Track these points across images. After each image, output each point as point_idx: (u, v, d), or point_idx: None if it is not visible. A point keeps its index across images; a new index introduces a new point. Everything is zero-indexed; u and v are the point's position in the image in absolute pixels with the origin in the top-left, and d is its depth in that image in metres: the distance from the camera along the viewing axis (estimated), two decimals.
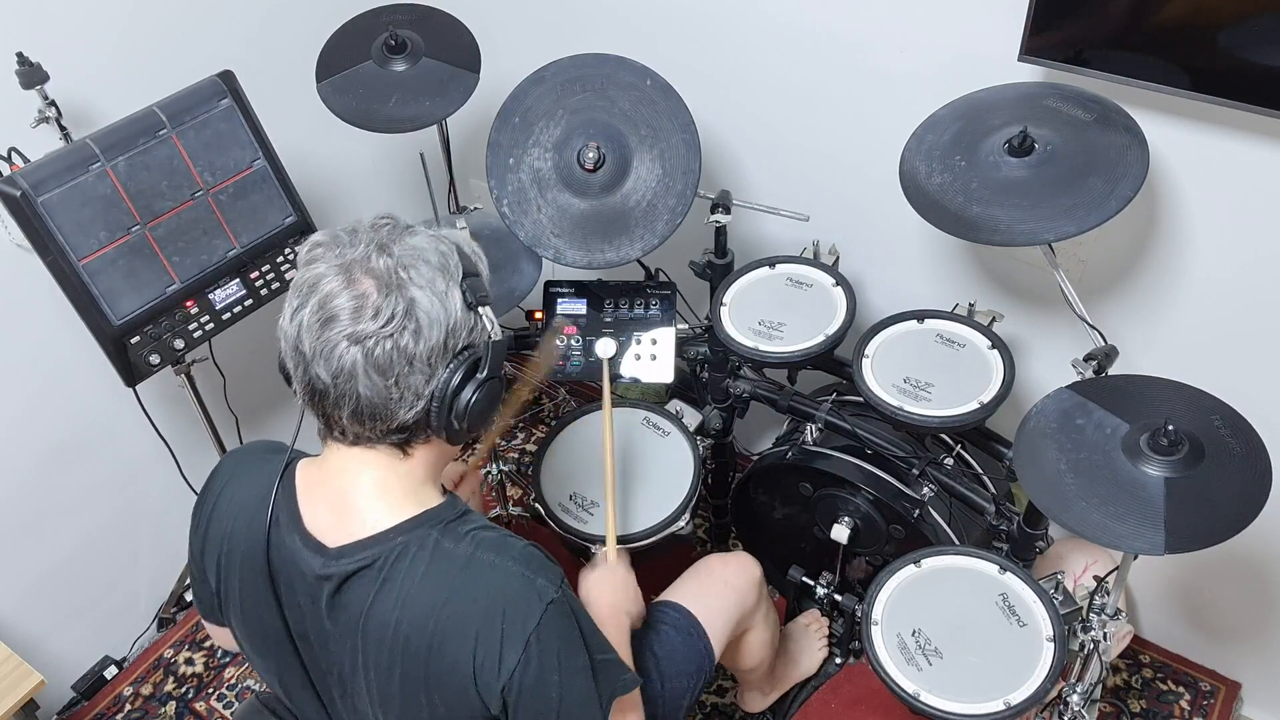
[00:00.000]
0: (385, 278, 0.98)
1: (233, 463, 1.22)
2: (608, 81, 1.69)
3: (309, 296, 0.99)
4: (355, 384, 0.99)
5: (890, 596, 1.44)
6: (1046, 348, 1.83)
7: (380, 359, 0.98)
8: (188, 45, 1.88)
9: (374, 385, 0.99)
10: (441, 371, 1.01)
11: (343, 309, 0.97)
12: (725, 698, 2.01)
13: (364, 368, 0.98)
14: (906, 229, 1.74)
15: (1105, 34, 1.40)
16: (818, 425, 1.81)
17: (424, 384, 1.01)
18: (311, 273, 1.00)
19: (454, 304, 1.01)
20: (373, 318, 0.97)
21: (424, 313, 0.99)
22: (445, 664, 1.02)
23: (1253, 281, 1.54)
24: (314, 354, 0.99)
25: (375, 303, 0.97)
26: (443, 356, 1.01)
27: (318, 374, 1.00)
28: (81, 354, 1.81)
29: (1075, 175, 1.35)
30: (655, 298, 1.81)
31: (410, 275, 0.99)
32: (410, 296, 0.98)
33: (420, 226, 1.07)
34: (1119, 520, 1.14)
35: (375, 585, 1.04)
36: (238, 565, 1.14)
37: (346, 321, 0.97)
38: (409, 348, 0.98)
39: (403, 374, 0.99)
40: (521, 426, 2.64)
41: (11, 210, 1.49)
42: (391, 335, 0.97)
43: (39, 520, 1.95)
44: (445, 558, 1.04)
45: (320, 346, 0.98)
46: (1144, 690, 1.99)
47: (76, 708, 2.10)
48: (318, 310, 0.98)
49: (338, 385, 1.00)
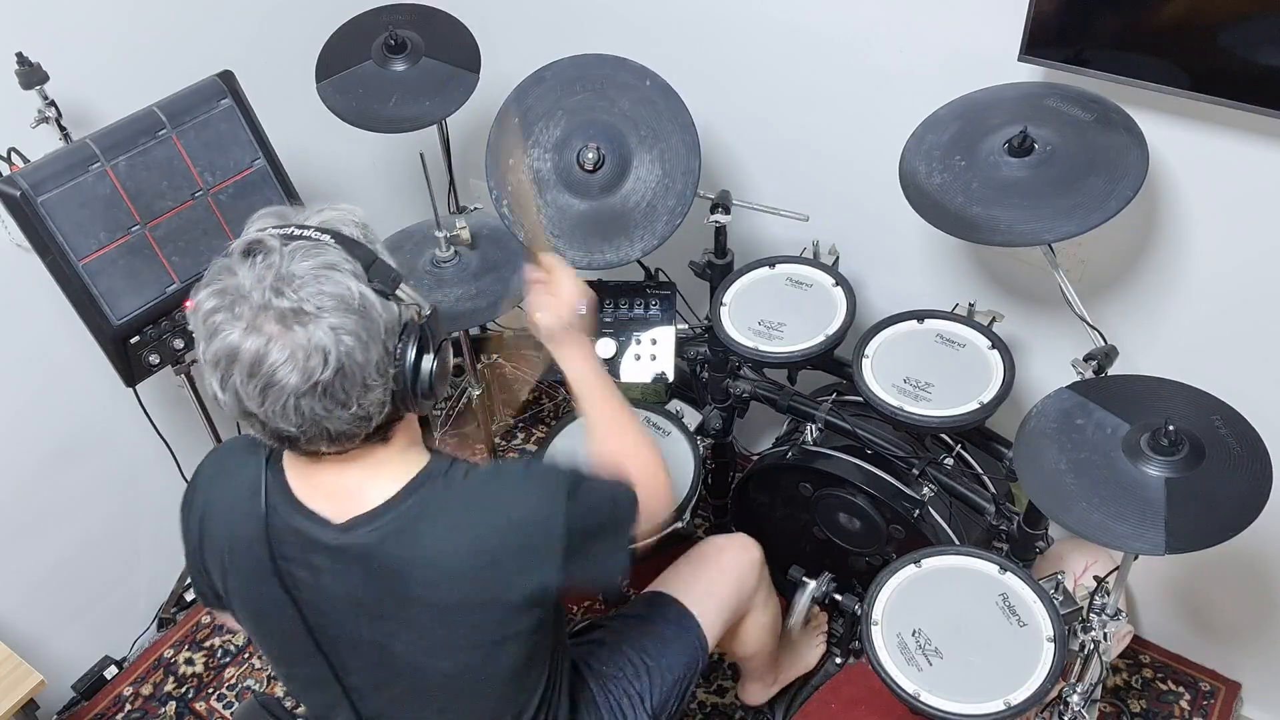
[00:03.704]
0: (298, 318, 0.93)
1: (214, 464, 1.21)
2: (607, 82, 1.69)
3: (231, 367, 0.95)
4: (322, 423, 0.98)
5: (890, 596, 1.44)
6: (1046, 348, 1.83)
7: (336, 395, 0.96)
8: (188, 45, 1.88)
9: (340, 417, 0.98)
10: (392, 370, 1.00)
11: (274, 368, 0.93)
12: (725, 698, 2.01)
13: (323, 408, 0.96)
14: (906, 229, 1.73)
15: (1105, 34, 1.40)
16: (818, 425, 1.81)
17: (384, 392, 1.00)
18: (222, 343, 0.94)
19: (373, 308, 0.97)
20: (307, 364, 0.93)
21: (351, 335, 0.95)
22: (490, 596, 1.08)
23: (1253, 281, 1.54)
24: (269, 415, 0.97)
25: (302, 349, 0.93)
26: (388, 358, 0.99)
27: (281, 428, 0.99)
28: (81, 354, 1.81)
29: (1075, 175, 1.35)
30: (655, 298, 1.81)
31: (318, 306, 0.93)
32: (329, 326, 0.94)
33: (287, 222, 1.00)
34: (1119, 520, 1.14)
35: (404, 545, 1.06)
36: (240, 562, 1.14)
37: (284, 378, 0.94)
38: (356, 374, 0.96)
39: (360, 395, 0.98)
40: (521, 427, 2.64)
41: (11, 210, 1.49)
42: (337, 370, 0.95)
43: (39, 520, 1.95)
44: (459, 501, 1.09)
45: (271, 408, 0.96)
46: (1144, 690, 1.99)
47: (76, 708, 2.10)
48: (249, 379, 0.94)
49: (305, 431, 0.99)
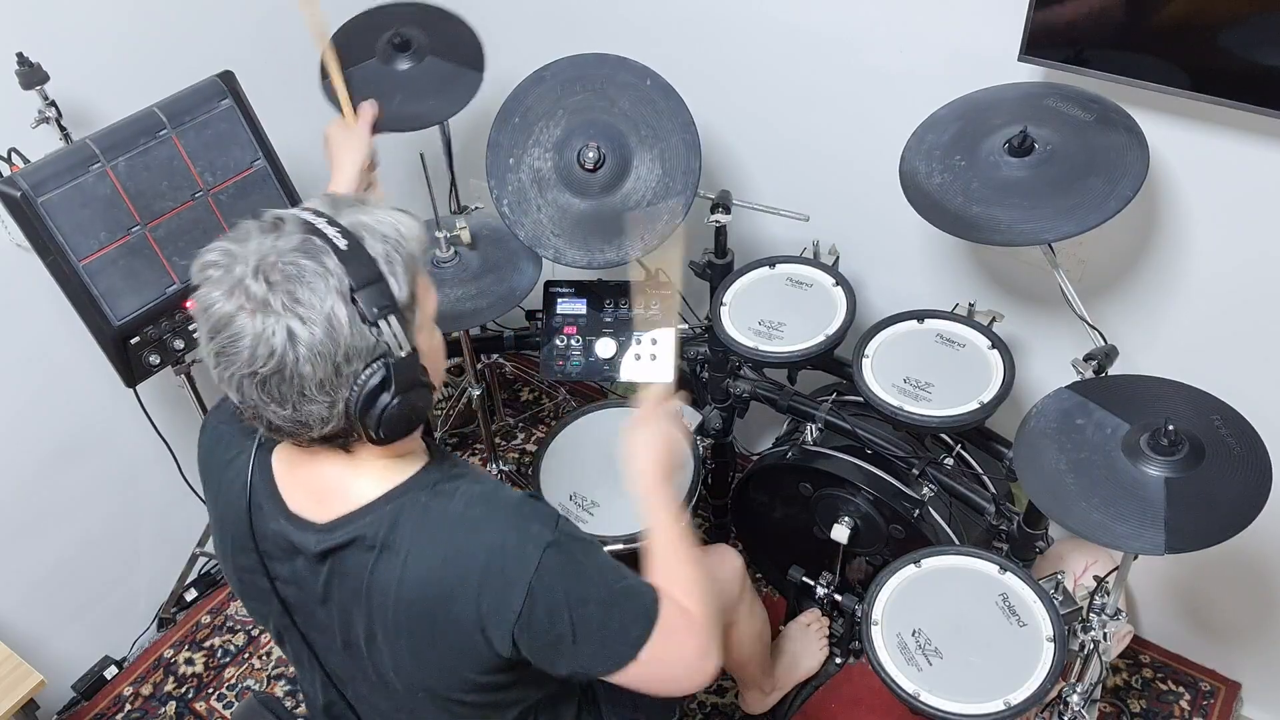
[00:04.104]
0: (264, 306, 0.92)
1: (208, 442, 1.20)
2: (608, 81, 1.69)
3: (203, 321, 0.95)
4: (262, 410, 0.97)
5: (890, 596, 1.44)
6: (1046, 348, 1.83)
7: (273, 391, 0.95)
8: (188, 45, 1.88)
9: (276, 413, 0.97)
10: (344, 394, 0.96)
11: (232, 338, 0.93)
12: (725, 698, 2.01)
13: (260, 397, 0.95)
14: (906, 229, 1.73)
15: (1105, 34, 1.40)
16: (818, 425, 1.81)
17: (327, 409, 0.96)
18: (204, 296, 0.95)
19: (341, 328, 0.93)
20: (256, 349, 0.92)
21: (304, 345, 0.92)
22: (452, 621, 1.02)
23: (1253, 281, 1.54)
24: (219, 379, 0.97)
25: (257, 334, 0.92)
26: (338, 382, 0.95)
27: (230, 398, 0.99)
28: (81, 354, 1.81)
29: (1075, 175, 1.35)
30: (655, 298, 1.81)
31: (285, 304, 0.91)
32: (288, 327, 0.92)
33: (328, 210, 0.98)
34: (1119, 520, 1.14)
35: (373, 554, 1.03)
36: (230, 551, 1.14)
37: (236, 352, 0.93)
38: (296, 380, 0.93)
39: (298, 402, 0.95)
40: (521, 427, 2.64)
41: (12, 211, 1.49)
42: (278, 369, 0.93)
43: (39, 520, 1.95)
44: (438, 518, 1.04)
45: (220, 374, 0.96)
46: (1144, 690, 1.99)
47: (76, 708, 2.10)
48: (209, 339, 0.95)
49: (247, 410, 0.98)
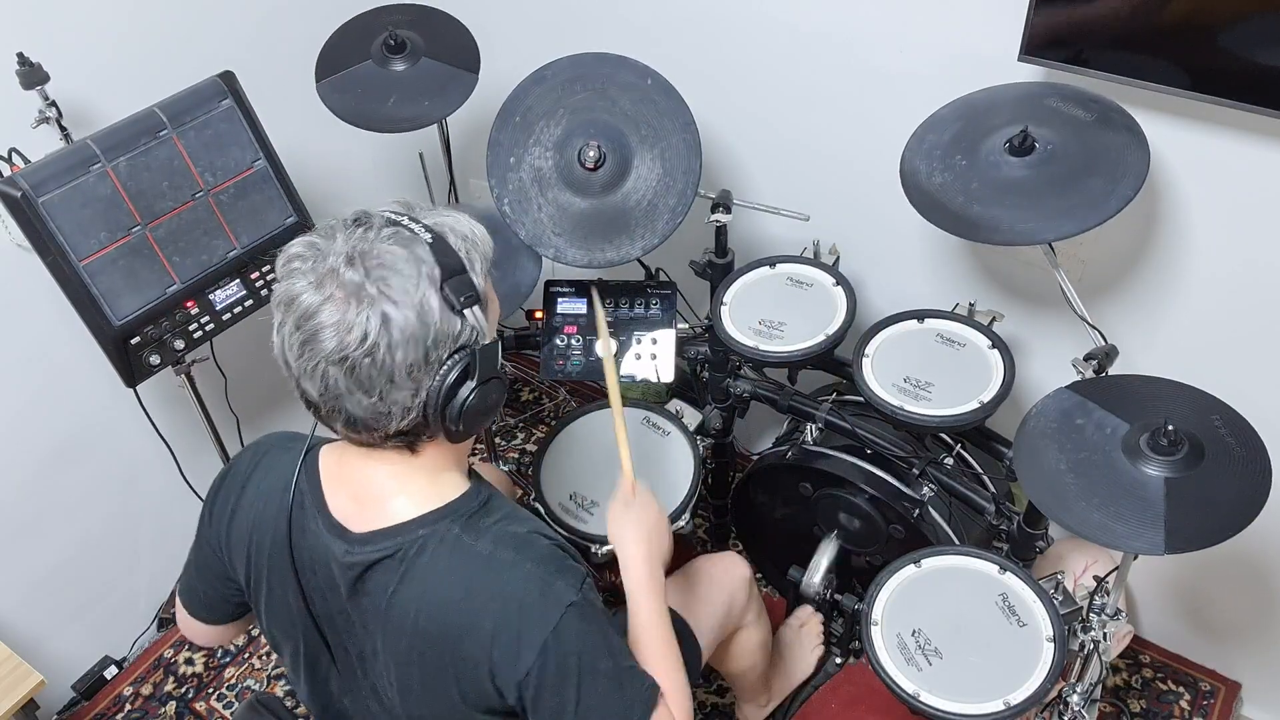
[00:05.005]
0: (357, 293, 0.94)
1: (252, 455, 1.20)
2: (608, 81, 1.69)
3: (288, 313, 0.97)
4: (342, 401, 0.97)
5: (890, 596, 1.44)
6: (1046, 348, 1.83)
7: (361, 377, 0.95)
8: (188, 45, 1.88)
9: (360, 402, 0.97)
10: (428, 382, 0.98)
11: (319, 327, 0.94)
12: (725, 698, 2.01)
13: (346, 386, 0.96)
14: (907, 229, 1.74)
15: (1105, 34, 1.40)
16: (818, 425, 1.81)
17: (410, 397, 0.98)
18: (288, 288, 0.97)
19: (431, 314, 0.96)
20: (347, 336, 0.94)
21: (398, 329, 0.94)
22: (462, 658, 1.02)
23: (1253, 281, 1.54)
24: (300, 371, 0.98)
25: (349, 320, 0.94)
26: (426, 369, 0.97)
27: (306, 389, 0.99)
28: (81, 354, 1.81)
29: (1075, 175, 1.35)
30: (655, 297, 1.81)
31: (380, 289, 0.94)
32: (383, 312, 0.94)
33: (406, 210, 1.01)
34: (1119, 520, 1.14)
35: (396, 576, 1.03)
36: (267, 553, 1.14)
37: (323, 340, 0.94)
38: (387, 365, 0.95)
39: (385, 390, 0.96)
40: (521, 426, 2.64)
41: (12, 211, 1.49)
42: (369, 354, 0.94)
43: (39, 520, 1.95)
44: (465, 553, 1.03)
45: (304, 365, 0.97)
46: (1144, 690, 1.99)
47: (76, 708, 2.10)
48: (295, 329, 0.96)
49: (326, 401, 0.99)
